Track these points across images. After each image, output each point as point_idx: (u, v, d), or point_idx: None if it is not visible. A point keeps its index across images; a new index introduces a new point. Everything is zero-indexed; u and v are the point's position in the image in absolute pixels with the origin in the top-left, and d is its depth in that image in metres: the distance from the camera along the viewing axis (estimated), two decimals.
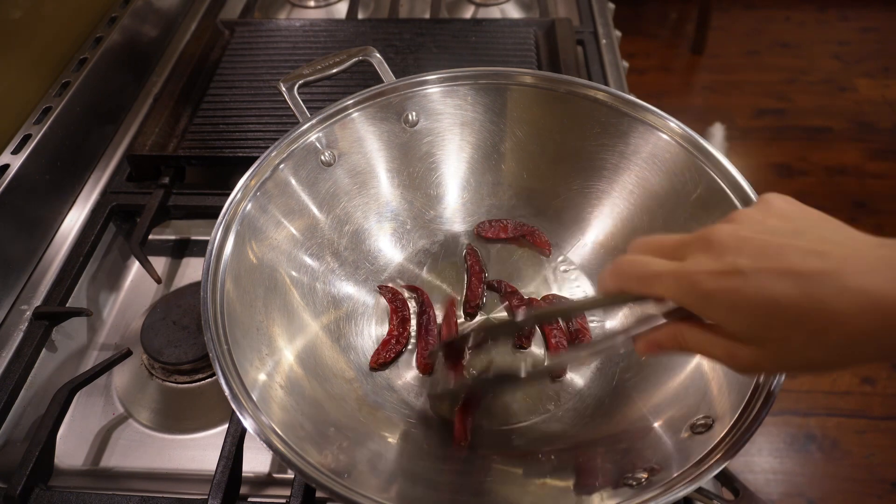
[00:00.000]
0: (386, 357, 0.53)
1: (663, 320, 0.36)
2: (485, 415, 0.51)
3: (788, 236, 0.30)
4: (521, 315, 0.48)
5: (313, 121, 0.56)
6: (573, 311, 0.54)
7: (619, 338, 0.38)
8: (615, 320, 0.56)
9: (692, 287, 0.30)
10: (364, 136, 0.59)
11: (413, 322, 0.56)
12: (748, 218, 0.32)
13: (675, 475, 0.38)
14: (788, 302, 0.28)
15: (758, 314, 0.29)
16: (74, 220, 0.69)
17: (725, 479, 0.41)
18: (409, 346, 0.55)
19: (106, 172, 0.74)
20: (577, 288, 0.59)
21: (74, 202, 0.71)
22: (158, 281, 0.64)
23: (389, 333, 0.55)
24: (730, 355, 0.32)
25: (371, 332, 0.56)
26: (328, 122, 0.56)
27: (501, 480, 0.46)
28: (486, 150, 0.62)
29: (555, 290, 0.58)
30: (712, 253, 0.30)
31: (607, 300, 0.39)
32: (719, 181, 0.50)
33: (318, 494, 0.48)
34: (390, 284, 0.58)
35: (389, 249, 0.61)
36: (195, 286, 0.60)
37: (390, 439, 0.48)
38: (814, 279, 0.28)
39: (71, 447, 0.54)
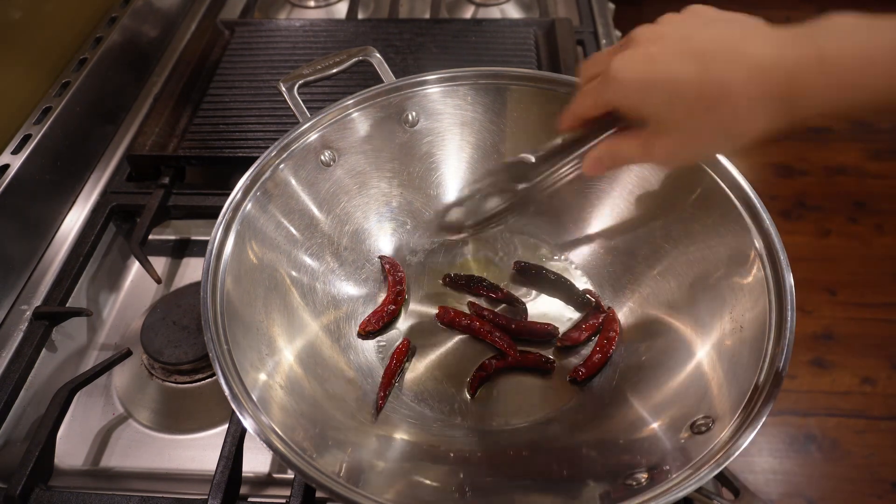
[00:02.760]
0: (375, 325, 0.55)
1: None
2: (485, 415, 0.51)
3: (699, 27, 0.33)
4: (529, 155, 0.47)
5: (313, 121, 0.56)
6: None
7: (572, 157, 0.43)
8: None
9: (614, 79, 0.34)
10: (364, 136, 0.59)
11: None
12: (669, 19, 0.35)
13: (676, 475, 0.38)
14: (688, 79, 0.32)
15: (664, 94, 0.33)
16: (74, 220, 0.69)
17: (725, 479, 0.41)
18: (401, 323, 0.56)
19: (106, 172, 0.74)
20: (581, 287, 0.59)
21: (74, 202, 0.71)
22: (158, 281, 0.64)
23: (384, 303, 0.56)
24: (646, 149, 0.36)
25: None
26: (328, 122, 0.56)
27: (502, 481, 0.46)
28: (486, 150, 0.62)
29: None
30: (630, 47, 0.34)
31: (575, 136, 0.43)
32: (719, 181, 0.50)
33: (318, 494, 0.48)
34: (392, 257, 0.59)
35: (389, 249, 0.61)
36: (195, 286, 0.60)
37: (390, 439, 0.48)
38: (711, 56, 0.31)
39: (71, 447, 0.54)
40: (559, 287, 0.58)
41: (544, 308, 0.58)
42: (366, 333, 0.55)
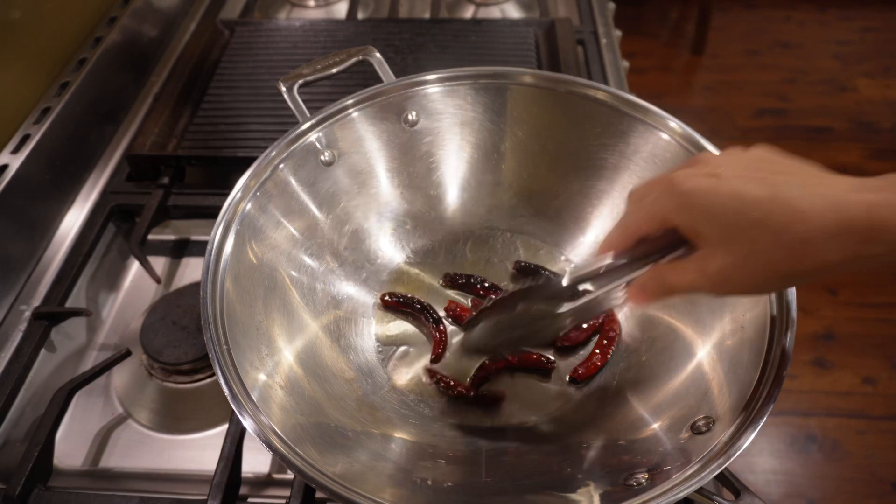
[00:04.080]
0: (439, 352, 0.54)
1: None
2: (485, 415, 0.51)
3: (770, 161, 0.33)
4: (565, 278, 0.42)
5: (313, 121, 0.55)
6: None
7: (613, 292, 0.40)
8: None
9: (674, 188, 0.33)
10: (364, 136, 0.59)
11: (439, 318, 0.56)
12: (735, 151, 0.35)
13: (676, 476, 0.38)
14: (756, 200, 0.31)
15: (728, 210, 0.32)
16: (74, 220, 0.69)
17: (726, 479, 0.41)
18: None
19: (105, 172, 0.74)
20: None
21: (74, 202, 0.71)
22: (158, 281, 0.64)
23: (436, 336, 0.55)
24: (699, 272, 0.34)
25: (371, 332, 0.56)
26: (328, 122, 0.56)
27: (502, 481, 0.46)
28: (486, 150, 0.62)
29: None
30: (697, 166, 0.34)
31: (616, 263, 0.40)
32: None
33: (318, 495, 0.48)
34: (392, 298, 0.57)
35: (389, 249, 0.61)
36: (195, 286, 0.60)
37: (390, 439, 0.48)
38: (782, 184, 0.31)
39: (70, 447, 0.54)
40: None
41: None
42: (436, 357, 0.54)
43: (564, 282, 0.41)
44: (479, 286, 0.58)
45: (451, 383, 0.51)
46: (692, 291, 0.35)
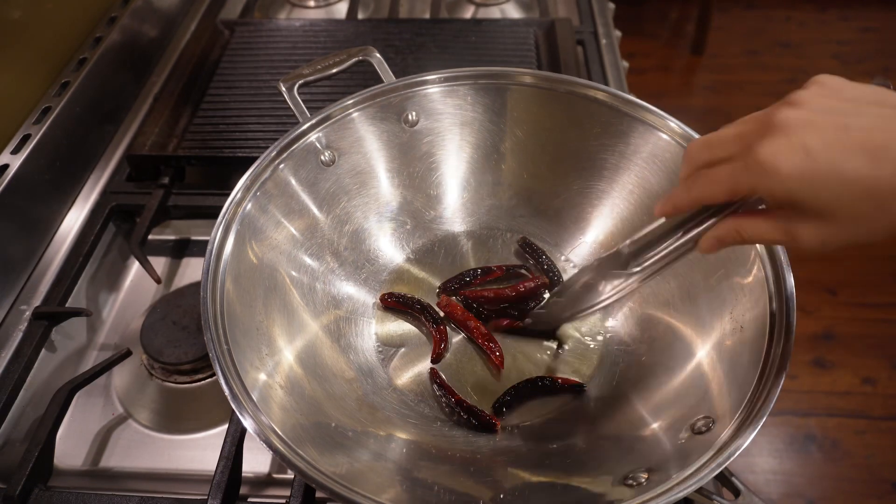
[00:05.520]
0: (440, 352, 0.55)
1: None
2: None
3: (850, 115, 0.31)
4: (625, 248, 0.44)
5: (313, 121, 0.56)
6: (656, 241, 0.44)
7: (682, 241, 0.39)
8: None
9: (759, 164, 0.31)
10: (364, 136, 0.59)
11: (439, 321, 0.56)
12: (806, 100, 0.32)
13: (676, 475, 0.38)
14: (859, 176, 0.30)
15: (831, 189, 0.30)
16: (74, 220, 0.69)
17: (725, 479, 0.41)
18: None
19: (106, 172, 0.74)
20: None
21: (74, 202, 0.71)
22: (158, 281, 0.64)
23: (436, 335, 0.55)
24: (790, 235, 0.33)
25: (371, 332, 0.56)
26: (328, 122, 0.56)
27: (501, 480, 0.46)
28: (486, 150, 0.62)
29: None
30: (779, 135, 0.31)
31: (679, 220, 0.39)
32: None
33: (318, 494, 0.48)
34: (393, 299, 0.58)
35: (389, 249, 0.61)
36: (195, 286, 0.60)
37: (390, 439, 0.48)
38: (880, 153, 0.29)
39: (70, 447, 0.54)
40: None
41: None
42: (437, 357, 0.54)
43: (626, 250, 0.42)
44: (476, 278, 0.58)
45: (454, 400, 0.51)
46: (775, 244, 0.34)
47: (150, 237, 0.66)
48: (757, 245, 0.46)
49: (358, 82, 0.69)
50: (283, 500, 0.47)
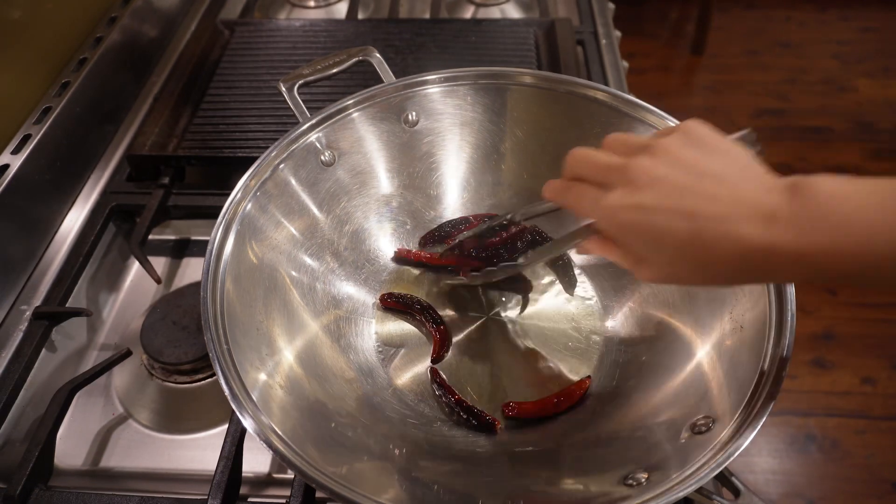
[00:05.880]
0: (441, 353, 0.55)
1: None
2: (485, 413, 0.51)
3: (693, 176, 0.35)
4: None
5: (313, 121, 0.56)
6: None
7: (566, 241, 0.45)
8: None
9: (610, 220, 0.37)
10: (364, 136, 0.59)
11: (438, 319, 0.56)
12: (664, 151, 0.36)
13: (676, 475, 0.38)
14: (679, 237, 0.34)
15: (655, 243, 0.36)
16: (74, 220, 0.69)
17: (725, 479, 0.41)
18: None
19: (106, 172, 0.74)
20: (580, 287, 0.59)
21: (74, 202, 0.71)
22: (158, 281, 0.64)
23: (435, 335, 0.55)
24: (635, 268, 0.39)
25: (371, 332, 0.56)
26: (328, 122, 0.56)
27: (501, 481, 0.46)
28: (486, 150, 0.62)
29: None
30: (627, 187, 0.36)
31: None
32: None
33: (318, 494, 0.48)
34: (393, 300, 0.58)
35: (389, 249, 0.61)
36: (195, 286, 0.60)
37: (390, 439, 0.48)
38: (702, 222, 0.34)
39: (71, 447, 0.54)
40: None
41: (542, 305, 0.58)
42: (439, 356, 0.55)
43: (518, 218, 0.52)
44: (470, 260, 0.59)
45: (454, 400, 0.51)
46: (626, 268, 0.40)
47: (150, 237, 0.66)
48: None
49: (358, 82, 0.70)
50: (283, 500, 0.47)
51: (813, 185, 0.32)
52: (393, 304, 0.57)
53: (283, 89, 0.57)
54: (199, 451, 0.53)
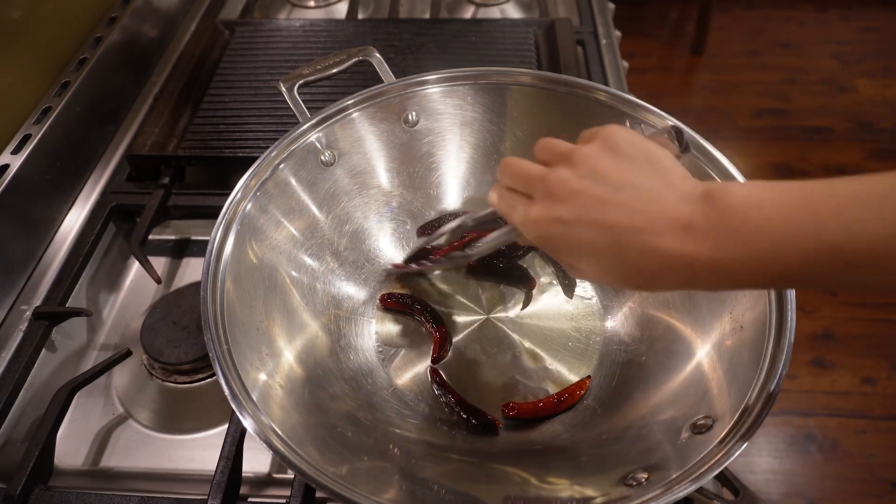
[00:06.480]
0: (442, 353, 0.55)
1: None
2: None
3: (610, 188, 0.35)
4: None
5: (313, 121, 0.56)
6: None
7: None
8: None
9: (534, 232, 0.38)
10: (364, 136, 0.59)
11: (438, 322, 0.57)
12: (582, 160, 0.36)
13: (676, 475, 0.38)
14: (599, 249, 0.35)
15: (578, 253, 0.36)
16: (74, 220, 0.69)
17: (725, 479, 0.41)
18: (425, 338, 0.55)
19: (106, 172, 0.74)
20: (580, 287, 0.59)
21: (74, 202, 0.71)
22: (158, 281, 0.64)
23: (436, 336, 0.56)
24: (568, 270, 0.40)
25: (371, 332, 0.56)
26: (328, 122, 0.56)
27: (501, 481, 0.46)
28: (486, 150, 0.62)
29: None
30: (547, 201, 0.37)
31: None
32: (718, 180, 0.50)
33: (318, 494, 0.48)
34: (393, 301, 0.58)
35: (389, 249, 0.61)
36: (195, 286, 0.60)
37: (390, 439, 0.48)
38: (621, 235, 0.34)
39: (71, 447, 0.54)
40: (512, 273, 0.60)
41: (542, 305, 0.58)
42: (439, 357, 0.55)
43: (469, 221, 0.51)
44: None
45: (454, 399, 0.51)
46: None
47: (150, 237, 0.66)
48: None
49: (358, 82, 0.70)
50: (283, 500, 0.47)
51: (725, 194, 0.32)
52: (393, 304, 0.57)
53: (283, 89, 0.57)
54: (199, 451, 0.53)
